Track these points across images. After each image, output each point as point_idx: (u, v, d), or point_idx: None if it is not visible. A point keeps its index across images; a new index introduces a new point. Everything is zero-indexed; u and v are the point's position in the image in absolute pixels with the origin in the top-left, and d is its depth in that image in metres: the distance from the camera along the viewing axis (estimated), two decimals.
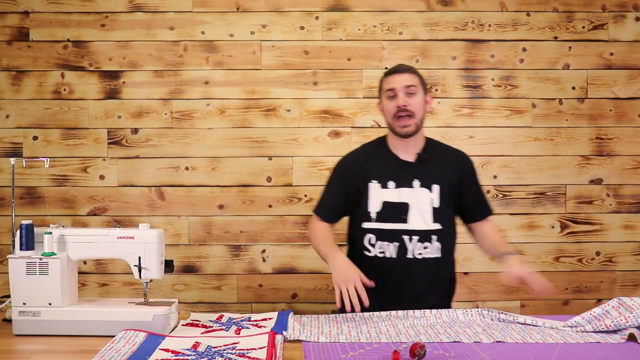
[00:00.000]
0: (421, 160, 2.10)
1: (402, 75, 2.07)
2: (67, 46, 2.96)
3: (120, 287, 2.96)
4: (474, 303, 3.01)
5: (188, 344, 1.60)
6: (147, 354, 1.51)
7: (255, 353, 1.51)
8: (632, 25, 3.01)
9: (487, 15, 3.00)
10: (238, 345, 1.58)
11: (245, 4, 2.97)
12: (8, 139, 2.96)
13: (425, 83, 2.13)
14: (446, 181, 2.09)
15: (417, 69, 2.14)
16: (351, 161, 2.18)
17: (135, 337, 1.62)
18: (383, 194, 2.07)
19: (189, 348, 1.56)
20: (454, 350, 1.55)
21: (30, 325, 1.73)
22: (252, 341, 1.61)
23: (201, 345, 1.58)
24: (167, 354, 1.51)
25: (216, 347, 1.57)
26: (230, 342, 1.61)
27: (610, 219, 3.02)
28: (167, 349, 1.55)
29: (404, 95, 2.05)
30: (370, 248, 2.08)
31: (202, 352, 1.53)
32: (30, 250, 1.75)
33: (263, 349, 1.53)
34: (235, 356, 1.49)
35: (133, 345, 1.57)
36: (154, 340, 1.62)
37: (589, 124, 3.02)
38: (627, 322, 1.67)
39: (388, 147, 2.15)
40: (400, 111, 2.04)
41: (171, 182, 2.98)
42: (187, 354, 1.51)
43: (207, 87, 2.97)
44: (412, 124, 2.05)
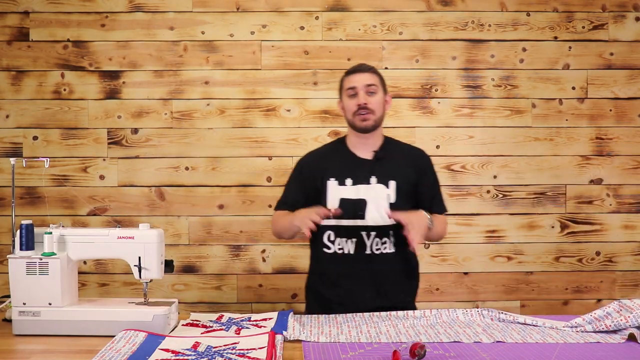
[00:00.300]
0: (378, 157, 2.14)
1: (362, 75, 2.12)
2: (67, 46, 2.96)
3: (120, 287, 2.96)
4: (474, 303, 3.01)
5: (188, 344, 1.60)
6: (147, 354, 1.51)
7: (255, 353, 1.51)
8: (632, 25, 3.01)
9: (487, 15, 3.00)
10: (238, 346, 1.58)
11: (245, 4, 2.97)
12: (8, 139, 2.96)
13: (385, 83, 2.18)
14: (403, 177, 2.13)
15: (377, 69, 2.18)
16: (310, 160, 2.23)
17: (135, 337, 1.62)
18: (340, 191, 2.11)
19: (189, 348, 1.56)
20: (454, 350, 1.55)
21: (30, 325, 1.73)
22: (252, 341, 1.61)
23: (201, 345, 1.58)
24: (167, 354, 1.51)
25: (216, 347, 1.57)
26: (230, 342, 1.61)
27: (610, 219, 3.02)
28: (167, 349, 1.55)
29: (365, 93, 2.10)
30: (329, 245, 2.12)
31: (202, 352, 1.53)
32: (30, 250, 1.75)
33: (263, 349, 1.53)
34: (235, 356, 1.49)
35: (133, 345, 1.57)
36: (154, 340, 1.62)
37: (589, 124, 3.02)
38: (627, 322, 1.67)
39: (347, 146, 2.20)
40: (360, 109, 2.09)
41: (171, 182, 2.98)
42: (187, 354, 1.51)
43: (207, 87, 2.97)
44: (372, 119, 2.11)
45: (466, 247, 3.02)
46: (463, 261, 3.01)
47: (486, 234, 3.01)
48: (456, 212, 3.00)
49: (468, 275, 3.02)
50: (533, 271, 3.02)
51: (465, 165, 3.00)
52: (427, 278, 3.00)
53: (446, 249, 3.01)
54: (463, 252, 3.01)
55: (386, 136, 2.22)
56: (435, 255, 3.01)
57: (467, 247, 3.01)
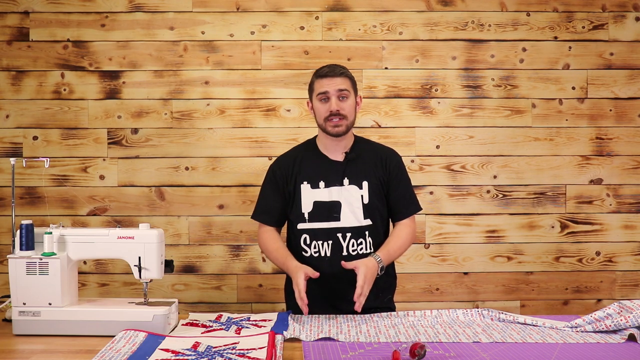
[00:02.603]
0: (350, 158, 2.13)
1: (334, 80, 2.08)
2: (67, 46, 2.96)
3: (120, 287, 2.96)
4: (474, 303, 3.01)
5: (188, 344, 1.60)
6: (147, 354, 1.51)
7: (255, 353, 1.51)
8: (632, 25, 3.01)
9: (487, 15, 3.00)
10: (238, 345, 1.58)
11: (245, 4, 2.97)
12: (8, 139, 2.96)
13: (356, 84, 2.16)
14: (374, 177, 2.12)
15: (348, 71, 2.14)
16: (282, 164, 2.20)
17: (135, 337, 1.62)
18: (314, 194, 2.11)
19: (189, 348, 1.56)
20: (454, 350, 1.55)
21: (30, 325, 1.73)
22: (252, 341, 1.61)
23: (201, 345, 1.58)
24: (167, 354, 1.51)
25: (216, 347, 1.57)
26: (230, 342, 1.61)
27: (610, 219, 3.02)
28: (167, 349, 1.55)
29: (337, 99, 2.08)
30: (306, 248, 2.12)
31: (202, 352, 1.53)
32: (30, 250, 1.75)
33: (263, 349, 1.53)
34: (235, 356, 1.49)
35: (133, 345, 1.57)
36: (154, 340, 1.62)
37: (589, 124, 3.02)
38: (627, 322, 1.67)
39: (318, 149, 2.18)
40: (332, 115, 2.07)
41: (171, 182, 2.98)
42: (187, 354, 1.51)
43: (207, 87, 2.97)
44: (344, 125, 2.09)
45: (466, 247, 3.01)
46: (463, 261, 3.01)
47: (486, 234, 3.01)
48: (456, 212, 3.00)
49: (468, 275, 3.02)
50: (533, 271, 3.02)
51: (465, 165, 3.00)
52: (427, 278, 3.01)
53: (446, 249, 3.01)
54: (463, 252, 3.01)
55: (356, 136, 2.22)
56: (435, 255, 3.01)
57: (467, 247, 3.01)
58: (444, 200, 3.00)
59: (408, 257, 2.99)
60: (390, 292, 2.22)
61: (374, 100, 2.98)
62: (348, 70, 2.15)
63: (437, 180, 3.00)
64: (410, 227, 2.16)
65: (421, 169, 2.99)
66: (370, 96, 2.98)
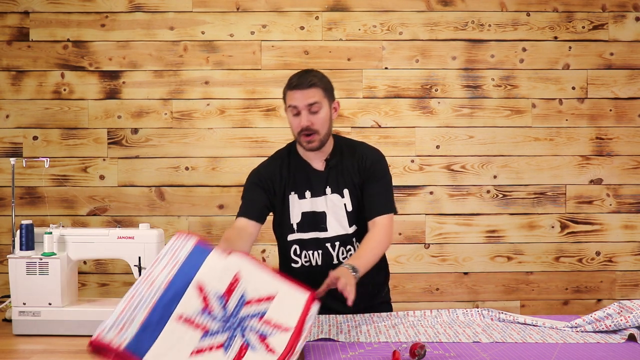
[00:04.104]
0: (330, 166, 2.07)
1: (304, 92, 1.99)
2: (67, 46, 2.96)
3: (120, 287, 2.96)
4: (474, 303, 3.01)
5: (224, 283, 1.53)
6: (177, 294, 1.48)
7: (278, 338, 1.45)
8: (632, 25, 3.01)
9: (487, 15, 3.00)
10: (269, 311, 1.51)
11: (245, 4, 2.97)
12: (8, 139, 2.96)
13: (330, 90, 2.04)
14: (353, 183, 2.06)
15: (321, 77, 2.01)
16: (269, 171, 2.11)
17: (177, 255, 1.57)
18: (301, 205, 2.06)
19: (221, 296, 1.51)
20: (454, 350, 1.55)
21: (30, 325, 1.73)
22: (285, 307, 1.53)
23: (232, 298, 1.52)
24: (197, 301, 1.47)
25: (249, 301, 1.51)
26: (266, 297, 1.54)
27: (610, 219, 3.02)
28: (201, 287, 1.51)
29: (307, 113, 1.99)
30: (296, 259, 2.08)
31: (226, 316, 1.48)
32: (30, 250, 1.75)
33: (288, 333, 1.46)
34: (257, 336, 1.45)
35: (173, 266, 1.53)
36: (192, 266, 1.55)
37: (589, 124, 3.02)
38: (627, 322, 1.67)
39: (299, 155, 2.12)
40: (303, 130, 2.00)
41: (171, 182, 2.98)
42: (213, 313, 1.47)
43: (207, 87, 2.97)
44: (317, 140, 2.01)
45: (466, 247, 3.02)
46: (463, 261, 3.01)
47: (486, 234, 3.01)
48: (456, 212, 3.00)
49: (468, 275, 3.02)
50: (533, 271, 3.02)
51: (465, 165, 3.00)
52: (427, 278, 3.01)
53: (446, 249, 3.01)
54: (463, 252, 3.01)
55: (336, 137, 2.13)
56: (435, 255, 3.01)
57: (467, 247, 3.02)
58: (444, 200, 3.00)
59: (408, 257, 2.99)
60: (386, 284, 2.21)
61: (374, 100, 2.99)
62: (320, 77, 2.03)
63: (437, 180, 3.00)
64: (381, 226, 2.01)
65: (421, 169, 2.99)
66: (370, 96, 2.98)
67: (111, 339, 1.40)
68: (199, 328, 1.46)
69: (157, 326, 1.44)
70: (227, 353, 1.43)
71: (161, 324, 1.44)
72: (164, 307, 1.47)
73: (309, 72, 2.05)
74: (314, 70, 2.07)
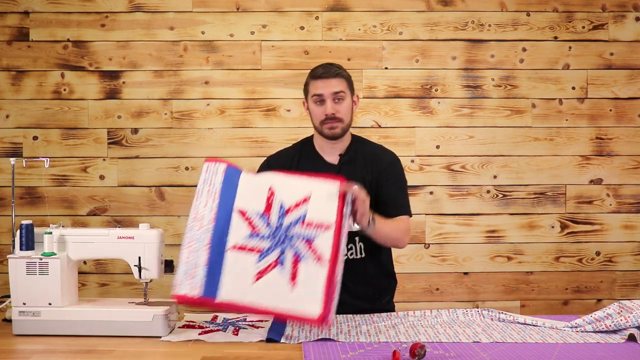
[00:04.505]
0: (343, 162, 2.08)
1: (329, 81, 2.01)
2: (67, 46, 2.96)
3: (120, 287, 2.96)
4: (474, 303, 3.01)
5: (260, 206, 1.64)
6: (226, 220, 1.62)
7: (323, 238, 1.59)
8: (632, 25, 3.01)
9: (487, 15, 3.00)
10: (308, 214, 1.63)
11: (245, 4, 2.97)
12: (8, 139, 2.96)
13: (352, 83, 2.09)
14: (363, 180, 2.04)
15: (344, 70, 2.07)
16: (280, 161, 2.14)
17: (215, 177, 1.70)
18: None
19: (261, 214, 1.63)
20: (454, 350, 1.55)
21: (30, 325, 1.73)
22: (322, 203, 1.65)
23: (273, 211, 1.64)
24: (243, 227, 1.62)
25: (288, 209, 1.63)
26: (302, 199, 1.65)
27: (610, 219, 3.02)
28: (242, 212, 1.64)
29: (332, 102, 2.01)
30: None
31: (273, 231, 1.62)
32: (30, 250, 1.75)
33: (330, 230, 1.61)
34: (304, 232, 1.60)
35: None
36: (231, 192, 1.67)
37: (589, 124, 3.02)
38: (627, 322, 1.67)
39: (314, 149, 2.13)
40: (328, 118, 2.02)
41: (171, 182, 2.98)
42: (256, 240, 1.62)
43: (207, 87, 2.97)
44: (340, 128, 2.03)
45: (466, 247, 3.02)
46: (463, 261, 3.01)
47: (486, 234, 3.01)
48: (456, 212, 3.00)
49: (468, 275, 3.02)
50: (533, 271, 3.02)
51: (465, 165, 3.00)
52: (427, 278, 3.01)
53: (446, 249, 3.01)
54: (463, 252, 3.01)
55: (354, 136, 2.15)
56: (435, 255, 3.01)
57: (467, 247, 3.01)
58: (444, 200, 3.00)
59: (408, 257, 2.99)
60: (389, 293, 2.20)
61: (374, 100, 2.98)
62: (344, 69, 2.08)
63: (437, 180, 3.00)
64: (400, 221, 2.06)
65: (421, 169, 2.99)
66: (370, 96, 2.98)
67: (186, 291, 1.60)
68: (253, 251, 1.61)
69: (218, 263, 1.60)
70: (284, 269, 1.59)
71: (221, 259, 1.60)
72: (219, 242, 1.61)
73: (333, 65, 2.09)
74: (336, 64, 2.11)
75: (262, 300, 1.59)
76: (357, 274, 2.05)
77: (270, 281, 1.59)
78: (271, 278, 1.59)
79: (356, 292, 2.08)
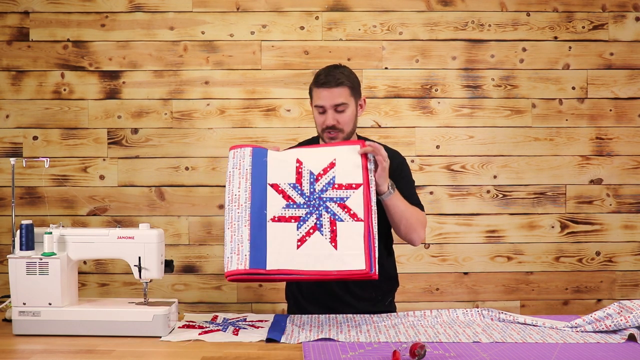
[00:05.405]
0: None
1: (331, 91, 1.98)
2: (67, 46, 2.96)
3: (120, 287, 2.96)
4: (474, 303, 3.01)
5: (290, 178, 1.74)
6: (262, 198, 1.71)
7: (355, 197, 1.70)
8: (632, 25, 3.01)
9: (487, 15, 3.00)
10: (337, 178, 1.75)
11: (245, 4, 2.97)
12: (8, 139, 2.96)
13: (357, 87, 2.05)
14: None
15: (348, 74, 2.03)
16: None
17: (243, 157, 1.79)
18: None
19: (294, 185, 1.74)
20: (454, 350, 1.55)
21: (30, 325, 1.73)
22: (348, 165, 1.77)
23: (304, 181, 1.74)
24: (278, 199, 1.72)
25: (318, 175, 1.74)
26: (328, 164, 1.77)
27: (610, 219, 3.02)
28: (276, 185, 1.73)
29: (333, 112, 1.99)
30: None
31: (308, 200, 1.72)
32: (30, 250, 1.75)
33: (360, 189, 1.73)
34: (336, 195, 1.72)
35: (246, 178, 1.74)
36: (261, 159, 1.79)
37: (589, 124, 3.02)
38: (627, 322, 1.67)
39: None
40: (328, 128, 2.01)
41: (171, 182, 2.98)
42: (292, 210, 1.72)
43: (207, 87, 2.97)
44: (340, 138, 2.02)
45: (466, 247, 3.02)
46: (463, 261, 3.01)
47: (486, 234, 3.01)
48: (456, 212, 3.00)
49: (468, 275, 3.02)
50: (533, 271, 3.02)
51: (465, 165, 3.00)
52: (427, 278, 3.01)
53: (446, 249, 3.01)
54: (463, 252, 3.01)
55: (360, 137, 2.14)
56: (435, 255, 3.01)
57: (467, 247, 3.02)
58: (444, 200, 3.00)
59: (408, 257, 2.99)
60: (391, 294, 2.21)
61: (374, 100, 2.99)
62: (348, 73, 2.04)
63: (437, 180, 3.00)
64: (420, 212, 2.05)
65: (421, 169, 2.99)
66: (370, 96, 2.98)
67: (236, 267, 1.65)
68: (292, 220, 1.70)
69: (261, 236, 1.68)
70: (324, 233, 1.68)
71: (263, 232, 1.68)
72: (259, 217, 1.69)
73: (337, 69, 2.03)
74: (341, 66, 2.06)
75: (309, 264, 1.67)
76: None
77: (313, 245, 1.68)
78: (313, 242, 1.68)
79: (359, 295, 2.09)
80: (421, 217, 2.05)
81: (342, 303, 2.08)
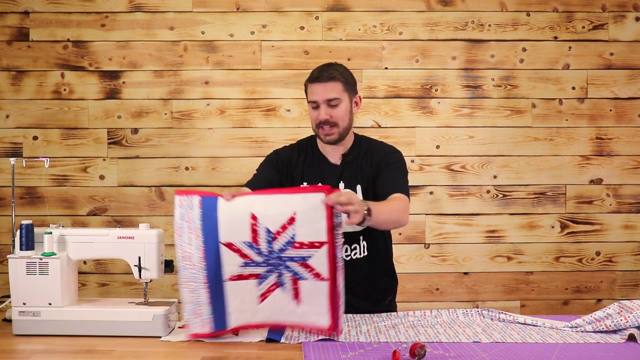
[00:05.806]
0: (346, 162, 2.06)
1: (324, 86, 1.98)
2: (67, 46, 2.96)
3: (120, 287, 2.96)
4: (474, 303, 3.01)
5: (246, 236, 1.61)
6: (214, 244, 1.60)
7: (318, 256, 1.58)
8: (632, 25, 3.01)
9: (487, 15, 3.00)
10: (297, 236, 1.59)
11: (245, 4, 2.97)
12: (8, 139, 2.96)
13: (352, 83, 2.04)
14: (367, 180, 2.04)
15: (342, 71, 2.02)
16: (288, 156, 2.12)
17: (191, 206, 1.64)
18: None
19: (250, 244, 1.61)
20: (454, 350, 1.55)
21: (30, 325, 1.73)
22: (309, 221, 1.60)
23: (260, 240, 1.60)
24: (233, 256, 1.61)
25: (275, 233, 1.59)
26: (287, 220, 1.59)
27: (610, 219, 3.02)
28: (230, 244, 1.61)
29: (326, 107, 1.99)
30: None
31: (265, 258, 1.60)
32: (30, 250, 1.75)
33: (323, 247, 1.58)
34: (298, 254, 1.58)
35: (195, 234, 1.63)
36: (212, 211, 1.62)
37: (589, 124, 3.02)
38: (627, 322, 1.67)
39: (318, 148, 2.12)
40: (322, 123, 2.00)
41: (171, 182, 2.98)
42: (249, 267, 1.61)
43: (207, 87, 2.97)
44: (336, 133, 2.01)
45: (466, 247, 3.02)
46: (463, 261, 3.01)
47: (486, 234, 3.01)
48: (456, 212, 3.00)
49: (468, 275, 3.02)
50: (533, 271, 3.02)
51: (465, 165, 3.00)
52: (427, 278, 3.01)
53: (446, 249, 3.01)
54: (463, 252, 3.01)
55: (357, 135, 2.13)
56: (435, 255, 3.01)
57: (467, 247, 3.01)
58: (444, 200, 3.00)
59: (408, 257, 2.99)
60: (392, 293, 2.20)
61: (374, 100, 2.99)
62: (342, 70, 2.03)
63: (437, 180, 3.00)
64: (400, 199, 1.95)
65: (421, 169, 2.99)
66: (370, 96, 2.98)
67: (198, 330, 1.64)
68: (251, 278, 1.63)
69: (220, 296, 1.62)
70: (285, 289, 1.62)
71: (221, 292, 1.62)
72: (215, 277, 1.62)
73: (331, 66, 2.04)
74: (335, 64, 2.06)
75: (272, 317, 1.65)
76: (361, 275, 2.06)
77: (275, 299, 1.63)
78: (275, 297, 1.63)
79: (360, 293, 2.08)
80: (400, 206, 1.95)
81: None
